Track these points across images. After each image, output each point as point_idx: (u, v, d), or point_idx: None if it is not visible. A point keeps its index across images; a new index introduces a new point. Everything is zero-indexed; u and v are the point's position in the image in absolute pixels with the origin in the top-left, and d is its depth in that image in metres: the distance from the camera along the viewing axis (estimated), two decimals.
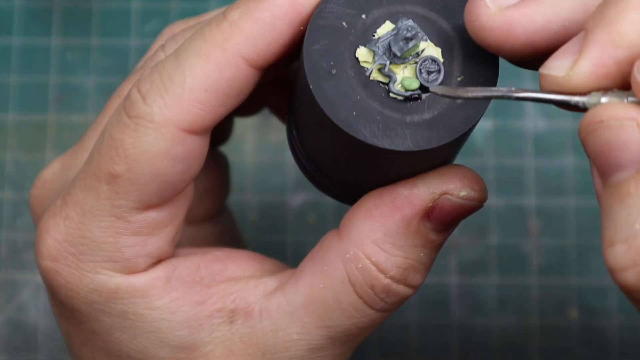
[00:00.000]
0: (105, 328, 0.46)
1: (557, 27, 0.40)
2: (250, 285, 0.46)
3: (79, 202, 0.45)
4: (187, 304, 0.46)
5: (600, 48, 0.38)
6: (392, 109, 0.41)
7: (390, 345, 0.66)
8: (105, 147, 0.44)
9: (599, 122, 0.37)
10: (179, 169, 0.44)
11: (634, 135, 0.36)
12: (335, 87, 0.41)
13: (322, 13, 0.42)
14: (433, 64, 0.42)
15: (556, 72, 0.38)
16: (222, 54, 0.43)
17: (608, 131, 0.37)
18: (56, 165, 0.49)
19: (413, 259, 0.44)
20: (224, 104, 0.43)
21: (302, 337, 0.46)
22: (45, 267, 0.46)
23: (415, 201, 0.44)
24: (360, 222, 0.44)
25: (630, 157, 0.37)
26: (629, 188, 0.36)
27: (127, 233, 0.45)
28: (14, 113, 0.70)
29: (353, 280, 0.44)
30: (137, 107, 0.43)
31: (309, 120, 0.43)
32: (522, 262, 0.67)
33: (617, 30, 0.37)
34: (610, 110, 0.37)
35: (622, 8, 0.37)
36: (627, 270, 0.36)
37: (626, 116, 0.37)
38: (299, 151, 0.47)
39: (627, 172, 0.37)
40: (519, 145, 0.69)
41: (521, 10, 0.40)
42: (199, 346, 0.46)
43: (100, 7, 0.71)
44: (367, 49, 0.42)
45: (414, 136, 0.41)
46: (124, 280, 0.45)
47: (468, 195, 0.44)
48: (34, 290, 0.67)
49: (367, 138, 0.41)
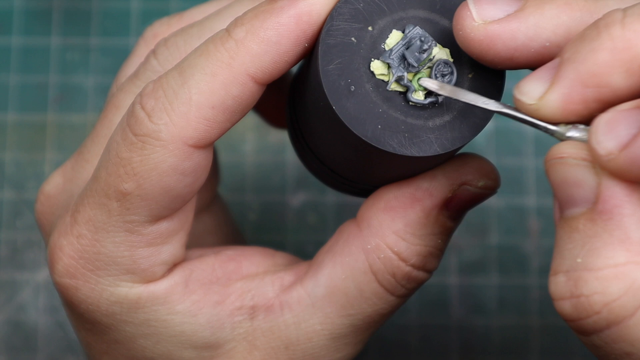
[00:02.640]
0: (127, 337, 0.47)
1: (537, 46, 0.41)
2: (266, 281, 0.47)
3: (91, 220, 0.45)
4: (207, 305, 0.47)
5: (570, 84, 0.39)
6: (414, 116, 0.42)
7: (390, 345, 0.66)
8: (113, 166, 0.44)
9: (560, 158, 0.39)
10: (187, 182, 0.45)
11: (587, 176, 0.39)
12: (357, 104, 0.42)
13: (330, 31, 0.42)
14: (446, 67, 0.42)
15: (526, 99, 0.40)
16: (228, 72, 0.43)
17: (566, 168, 0.39)
18: (58, 178, 0.50)
19: (431, 246, 0.46)
20: (229, 119, 0.44)
21: (324, 327, 0.47)
22: (63, 284, 0.46)
23: (435, 192, 0.45)
24: (380, 213, 0.46)
25: (583, 195, 0.39)
26: (578, 224, 0.39)
27: (141, 245, 0.46)
28: (14, 113, 0.70)
29: (375, 270, 0.46)
30: (144, 125, 0.43)
31: (330, 135, 0.44)
32: (522, 262, 0.67)
33: (586, 70, 0.39)
34: (571, 149, 0.39)
35: (594, 48, 0.39)
36: (565, 300, 0.39)
37: (584, 157, 0.39)
38: (309, 154, 0.48)
39: (579, 209, 0.39)
40: (519, 145, 0.69)
41: (504, 27, 0.41)
42: (222, 344, 0.47)
43: (100, 7, 0.71)
44: (381, 62, 0.42)
45: (439, 139, 0.42)
46: (144, 290, 0.46)
47: (485, 184, 0.46)
48: (34, 290, 0.67)
49: (396, 149, 0.42)
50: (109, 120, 0.49)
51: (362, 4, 0.42)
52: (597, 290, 0.38)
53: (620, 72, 0.38)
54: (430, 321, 0.67)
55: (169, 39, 0.48)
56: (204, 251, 0.49)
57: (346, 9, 0.42)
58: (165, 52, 0.48)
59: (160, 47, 0.48)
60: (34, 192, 0.68)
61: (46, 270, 0.67)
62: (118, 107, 0.48)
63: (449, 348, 0.66)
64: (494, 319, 0.67)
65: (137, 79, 0.48)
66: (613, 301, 0.38)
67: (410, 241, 0.46)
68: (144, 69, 0.48)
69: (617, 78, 0.39)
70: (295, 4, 0.43)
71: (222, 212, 0.55)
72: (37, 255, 0.68)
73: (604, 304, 0.38)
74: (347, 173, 0.47)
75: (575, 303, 0.38)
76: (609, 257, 0.38)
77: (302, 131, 0.48)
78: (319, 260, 0.47)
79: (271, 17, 0.43)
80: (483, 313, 0.67)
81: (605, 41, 0.38)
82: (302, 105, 0.46)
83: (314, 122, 0.45)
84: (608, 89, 0.39)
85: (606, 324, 0.38)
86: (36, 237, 0.68)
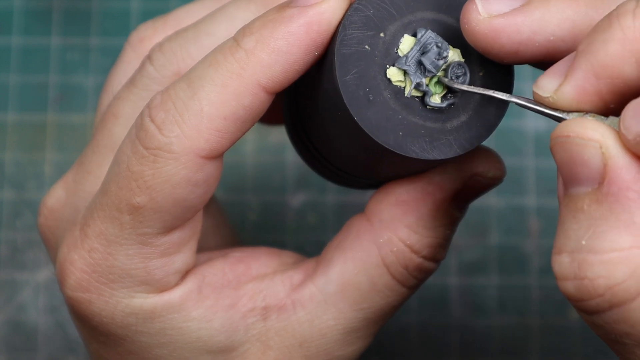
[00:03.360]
0: (143, 347, 0.47)
1: (542, 40, 0.41)
2: (276, 281, 0.48)
3: (102, 233, 0.45)
4: (220, 309, 0.47)
5: (583, 76, 0.39)
6: (432, 119, 0.43)
7: (390, 345, 0.66)
8: (124, 180, 0.44)
9: (566, 136, 0.39)
10: (199, 193, 0.45)
11: (594, 156, 0.39)
12: (378, 112, 0.42)
13: (344, 41, 0.42)
14: (460, 68, 0.43)
15: (543, 93, 0.40)
16: (239, 83, 0.43)
17: (573, 147, 0.39)
18: (60, 192, 0.50)
19: (441, 237, 0.47)
20: (241, 129, 0.44)
21: (338, 322, 0.47)
22: (76, 298, 0.46)
23: (446, 186, 0.46)
24: (392, 208, 0.46)
25: (588, 175, 0.39)
26: (583, 204, 0.39)
27: (155, 256, 0.46)
28: (14, 113, 0.69)
29: (388, 263, 0.46)
30: (155, 138, 0.43)
31: (346, 141, 0.44)
32: (522, 262, 0.67)
33: (598, 62, 0.39)
34: (578, 127, 0.39)
35: (605, 39, 0.39)
36: (568, 280, 0.39)
37: (591, 137, 0.39)
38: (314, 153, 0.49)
39: (584, 188, 0.39)
40: (519, 145, 0.69)
41: (509, 21, 0.41)
42: (236, 347, 0.47)
43: (100, 7, 0.71)
44: (397, 68, 0.43)
45: (458, 140, 0.43)
46: (159, 299, 0.46)
47: (494, 175, 0.47)
48: (34, 290, 0.67)
49: (418, 155, 0.42)
50: (109, 130, 0.48)
51: (372, 10, 0.42)
52: (602, 273, 0.38)
53: (631, 63, 0.39)
54: (430, 321, 0.67)
55: (163, 44, 0.48)
56: (210, 254, 0.49)
57: (357, 17, 0.42)
58: (161, 58, 0.48)
59: (156, 53, 0.48)
60: (34, 192, 0.68)
61: (46, 271, 0.67)
62: (117, 116, 0.48)
63: (449, 348, 0.66)
64: (494, 319, 0.67)
65: (134, 87, 0.48)
66: (617, 285, 0.38)
67: (422, 234, 0.46)
68: (140, 76, 0.48)
69: (628, 69, 0.39)
70: (305, 12, 0.43)
71: (219, 212, 0.55)
72: (37, 255, 0.68)
73: (607, 287, 0.38)
74: (356, 172, 0.48)
75: (579, 285, 0.39)
76: (614, 240, 0.38)
77: (308, 134, 0.48)
78: (328, 256, 0.47)
79: (281, 26, 0.43)
80: (483, 313, 0.67)
81: (616, 32, 0.39)
82: (311, 109, 0.47)
83: (327, 127, 0.45)
84: (620, 80, 0.39)
85: (608, 306, 0.38)
86: (36, 237, 0.68)
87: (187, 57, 0.47)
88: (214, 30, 0.47)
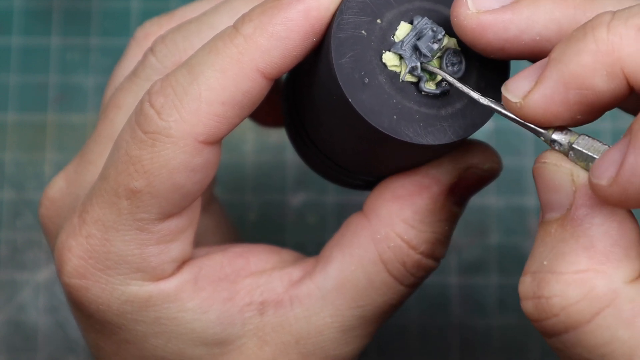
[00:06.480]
0: (139, 336, 0.47)
1: (528, 39, 0.42)
2: (275, 277, 0.48)
3: (100, 219, 0.45)
4: (217, 301, 0.47)
5: (552, 85, 0.40)
6: (427, 105, 0.43)
7: (390, 345, 0.66)
8: (122, 164, 0.44)
9: (543, 162, 0.41)
10: (197, 179, 0.45)
11: (565, 182, 0.40)
12: (372, 96, 0.42)
13: (341, 25, 0.43)
14: (455, 56, 0.43)
15: (511, 97, 0.41)
16: (238, 68, 0.43)
17: (547, 173, 0.40)
18: (61, 182, 0.50)
19: (439, 233, 0.47)
20: (239, 115, 0.44)
21: (335, 320, 0.47)
22: (73, 285, 0.46)
23: (442, 179, 0.46)
24: (388, 203, 0.46)
25: (559, 201, 0.40)
26: (551, 228, 0.40)
27: (151, 243, 0.46)
28: (14, 113, 0.70)
29: (385, 259, 0.46)
30: (153, 122, 0.44)
31: (341, 128, 0.44)
32: (522, 262, 0.67)
33: (569, 71, 0.39)
34: (554, 153, 0.40)
35: (579, 50, 0.39)
36: (528, 300, 0.40)
37: (564, 163, 0.40)
38: (311, 148, 0.48)
39: (555, 214, 0.40)
40: (518, 145, 0.69)
41: (496, 17, 0.42)
42: (232, 340, 0.47)
43: (100, 7, 0.71)
44: (393, 53, 0.43)
45: (452, 127, 0.43)
46: (154, 288, 0.46)
47: (490, 167, 0.47)
48: (34, 290, 0.67)
49: (412, 139, 0.42)
50: (110, 121, 0.49)
51: None
52: (557, 293, 0.39)
53: (602, 75, 0.39)
54: (430, 321, 0.67)
55: (166, 35, 0.48)
56: (210, 249, 0.49)
57: (354, 2, 0.43)
58: (163, 49, 0.48)
59: (158, 45, 0.48)
60: (34, 192, 0.68)
61: (46, 271, 0.67)
62: (119, 106, 0.48)
63: (449, 348, 0.66)
64: (494, 319, 0.67)
65: (136, 77, 0.48)
66: (570, 305, 0.39)
67: (419, 229, 0.46)
68: (142, 67, 0.48)
69: (599, 81, 0.39)
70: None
71: (220, 212, 0.55)
72: (37, 255, 0.68)
73: (562, 307, 0.39)
74: (353, 166, 0.48)
75: (537, 303, 0.39)
76: (572, 262, 0.39)
77: (305, 126, 0.48)
78: (326, 254, 0.48)
79: (280, 12, 0.43)
80: (483, 313, 0.67)
81: (589, 43, 0.39)
82: (307, 99, 0.47)
83: (323, 116, 0.46)
84: (590, 91, 0.39)
85: (564, 328, 0.39)
86: (36, 237, 0.68)
87: (189, 48, 0.48)
88: (216, 22, 0.48)
